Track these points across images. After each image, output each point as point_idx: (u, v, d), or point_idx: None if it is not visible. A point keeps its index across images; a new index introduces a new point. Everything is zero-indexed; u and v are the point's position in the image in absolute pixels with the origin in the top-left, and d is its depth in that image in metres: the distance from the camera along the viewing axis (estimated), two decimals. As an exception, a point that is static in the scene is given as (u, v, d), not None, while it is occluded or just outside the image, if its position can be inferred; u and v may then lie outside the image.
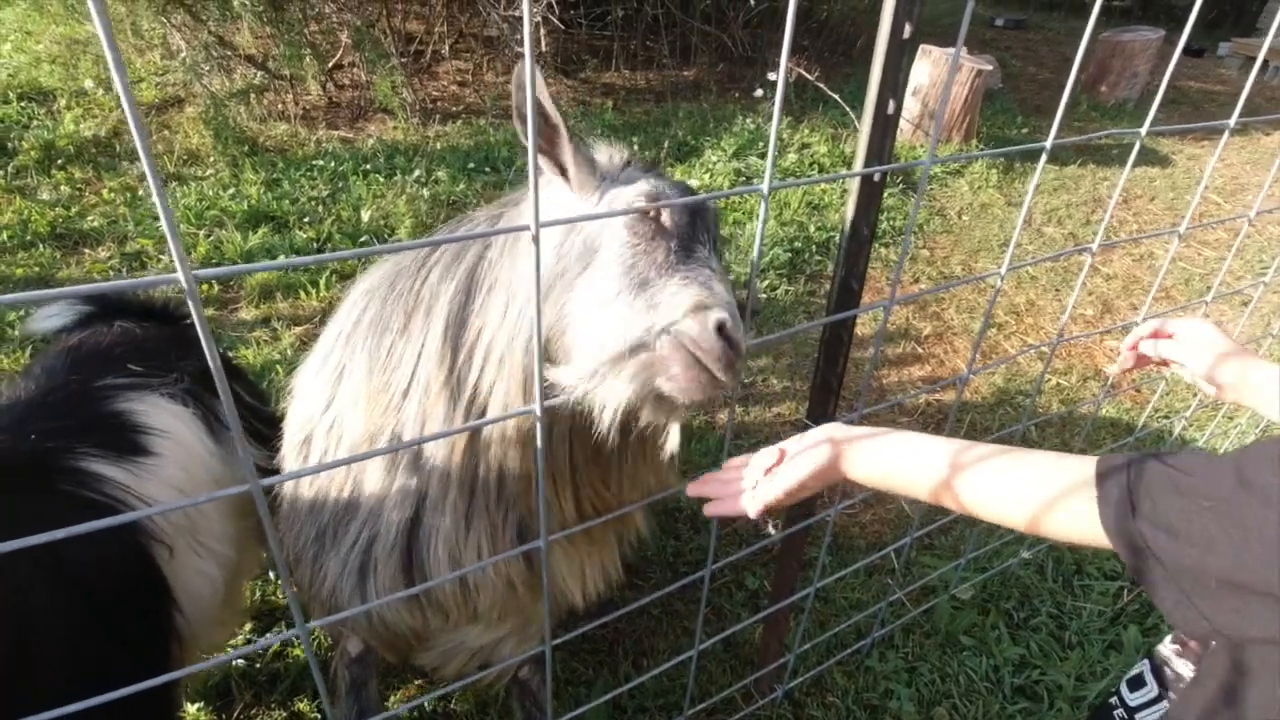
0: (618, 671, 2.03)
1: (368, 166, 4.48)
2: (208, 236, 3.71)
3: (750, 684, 1.98)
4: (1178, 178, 5.57)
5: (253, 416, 1.73)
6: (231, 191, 4.10)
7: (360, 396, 1.16)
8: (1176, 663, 0.95)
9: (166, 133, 4.66)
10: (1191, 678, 0.91)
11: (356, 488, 1.20)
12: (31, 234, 3.56)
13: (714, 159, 4.96)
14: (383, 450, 1.11)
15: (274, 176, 4.30)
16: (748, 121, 5.47)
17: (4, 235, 3.50)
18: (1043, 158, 1.19)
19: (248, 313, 3.26)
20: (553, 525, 1.18)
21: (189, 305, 0.50)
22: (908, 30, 1.08)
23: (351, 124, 5.17)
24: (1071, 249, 4.12)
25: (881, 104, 1.14)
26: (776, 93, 0.80)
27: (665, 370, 0.94)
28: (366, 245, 3.71)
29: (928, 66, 5.30)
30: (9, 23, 6.22)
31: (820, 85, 5.27)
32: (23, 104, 4.74)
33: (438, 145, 4.87)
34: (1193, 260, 4.47)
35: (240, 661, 1.95)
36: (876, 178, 1.22)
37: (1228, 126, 1.39)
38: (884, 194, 1.26)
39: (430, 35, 5.89)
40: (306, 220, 3.93)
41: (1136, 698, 1.00)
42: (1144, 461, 0.73)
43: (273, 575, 2.17)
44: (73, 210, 3.80)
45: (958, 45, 0.97)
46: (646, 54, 6.41)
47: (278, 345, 3.07)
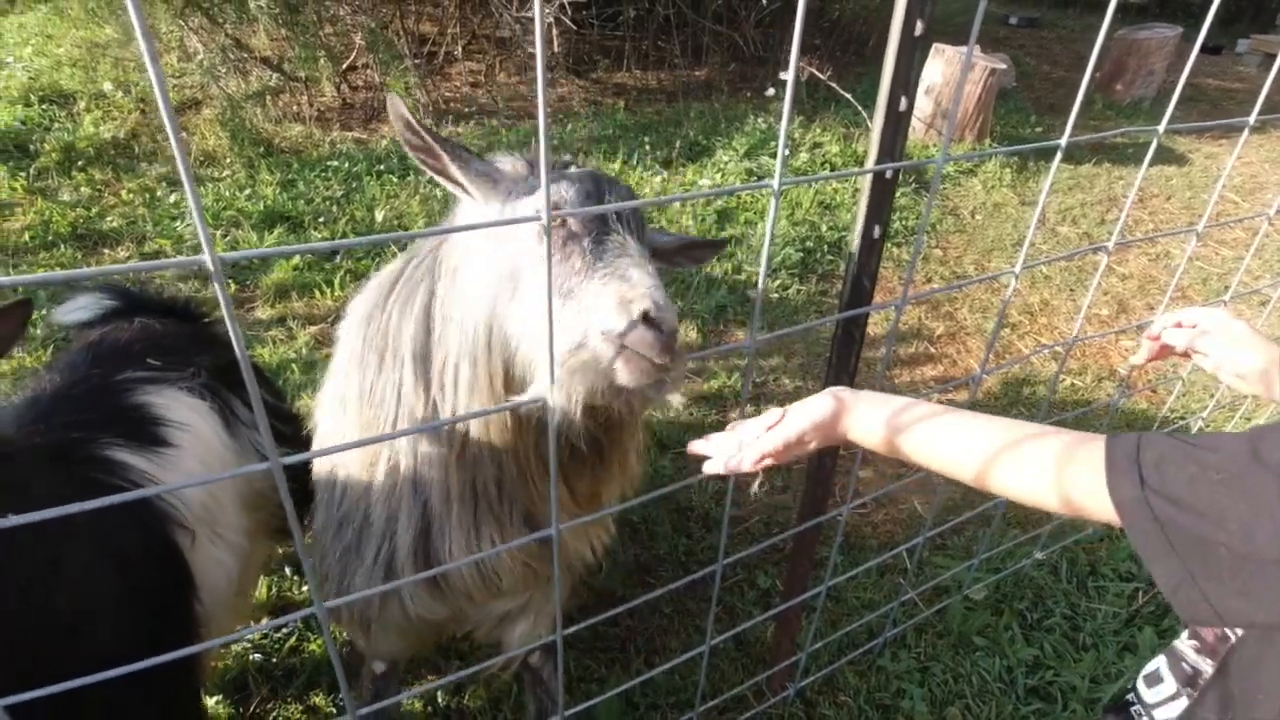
0: (630, 668, 2.04)
1: (381, 167, 4.51)
2: (224, 236, 3.76)
3: (762, 682, 1.98)
4: (1195, 176, 5.51)
5: (270, 414, 1.76)
6: (248, 192, 4.15)
7: (356, 427, 1.28)
8: (1194, 658, 0.94)
9: (184, 134, 4.72)
10: (1210, 674, 0.90)
11: (369, 512, 1.30)
12: (53, 234, 3.62)
13: (725, 159, 4.96)
14: (399, 432, 1.17)
15: (289, 177, 4.34)
16: (759, 121, 5.46)
17: (26, 236, 3.56)
18: (1057, 156, 1.19)
19: (263, 312, 3.30)
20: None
21: (213, 286, 0.51)
22: (920, 26, 1.08)
23: (365, 125, 5.21)
24: (1087, 247, 4.10)
25: (893, 100, 1.14)
26: (787, 90, 0.81)
27: (610, 366, 0.98)
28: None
29: (941, 65, 5.27)
30: (30, 27, 6.32)
31: (832, 85, 5.25)
32: (44, 106, 4.82)
33: (451, 146, 4.91)
34: (1210, 260, 4.42)
35: (257, 656, 1.98)
36: (889, 174, 1.22)
37: (1247, 124, 1.38)
38: (896, 192, 1.26)
39: (443, 36, 5.93)
40: (321, 220, 3.97)
41: (1154, 694, 0.99)
42: (1155, 436, 0.73)
43: (288, 571, 2.19)
44: (93, 211, 3.86)
45: (970, 43, 0.97)
46: (658, 54, 6.41)
47: (293, 344, 3.10)
